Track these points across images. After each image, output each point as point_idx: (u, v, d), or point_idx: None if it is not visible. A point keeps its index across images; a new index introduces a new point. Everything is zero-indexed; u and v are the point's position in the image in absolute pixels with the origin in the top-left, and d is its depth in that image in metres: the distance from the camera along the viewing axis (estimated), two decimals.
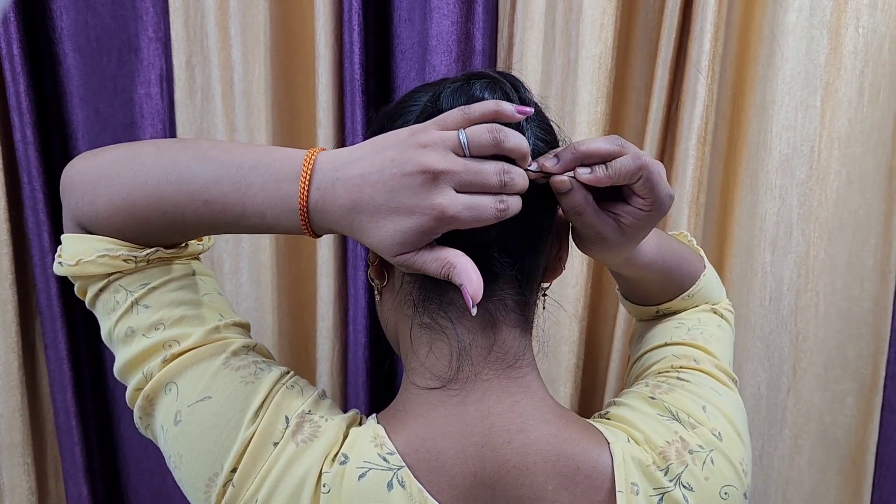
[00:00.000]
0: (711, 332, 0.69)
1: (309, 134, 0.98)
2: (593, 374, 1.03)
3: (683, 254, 0.70)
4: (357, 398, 0.98)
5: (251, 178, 0.49)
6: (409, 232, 0.46)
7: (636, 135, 0.96)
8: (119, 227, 0.53)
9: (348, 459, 0.53)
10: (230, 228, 0.52)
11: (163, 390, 0.54)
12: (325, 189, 0.47)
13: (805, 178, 0.94)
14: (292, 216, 0.48)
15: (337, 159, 0.48)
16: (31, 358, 1.01)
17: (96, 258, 0.53)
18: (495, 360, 0.55)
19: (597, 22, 0.89)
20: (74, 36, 0.94)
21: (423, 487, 0.52)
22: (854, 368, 0.98)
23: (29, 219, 0.93)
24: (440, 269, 0.47)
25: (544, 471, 0.53)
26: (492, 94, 0.50)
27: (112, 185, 0.52)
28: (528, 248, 0.55)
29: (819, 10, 0.91)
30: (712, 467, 0.55)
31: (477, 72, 0.53)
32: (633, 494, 0.53)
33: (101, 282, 0.54)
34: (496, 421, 0.54)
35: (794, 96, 0.92)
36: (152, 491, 1.08)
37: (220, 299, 0.60)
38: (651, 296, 0.73)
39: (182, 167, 0.51)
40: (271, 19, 0.95)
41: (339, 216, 0.47)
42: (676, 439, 0.56)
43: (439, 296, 0.55)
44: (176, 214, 0.51)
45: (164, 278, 0.55)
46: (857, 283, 0.97)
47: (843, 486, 1.01)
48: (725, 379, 0.63)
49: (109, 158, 0.54)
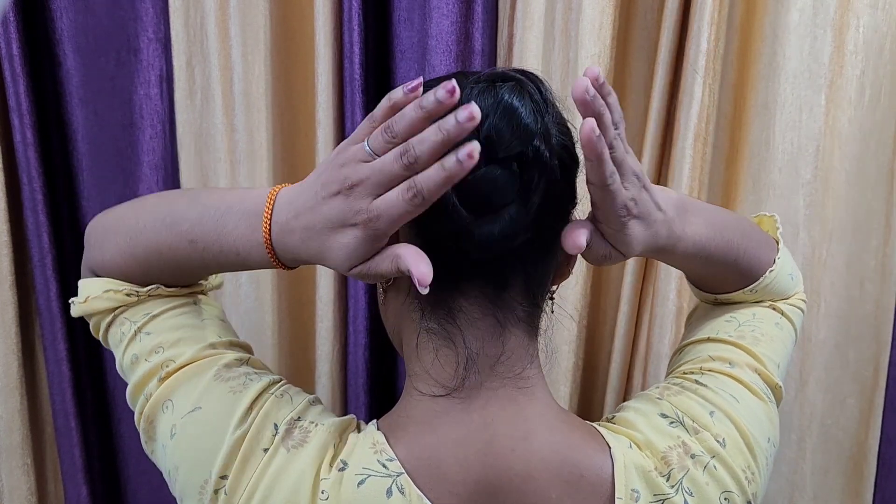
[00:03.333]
0: (764, 331, 0.66)
1: (309, 134, 0.98)
2: (593, 374, 1.03)
3: (746, 247, 0.65)
4: (357, 399, 0.98)
5: (227, 217, 0.53)
6: (351, 245, 0.48)
7: (635, 135, 0.95)
8: (124, 270, 0.58)
9: (347, 466, 0.52)
10: (215, 267, 0.57)
11: (160, 409, 0.57)
12: (282, 222, 0.50)
13: (811, 178, 0.93)
14: (260, 249, 0.52)
15: (291, 192, 0.51)
16: (31, 359, 1.01)
17: (102, 294, 0.58)
18: (502, 369, 0.55)
19: (596, 22, 0.89)
20: (74, 37, 0.94)
21: (422, 494, 0.52)
22: (855, 370, 0.98)
23: (28, 220, 0.93)
24: (390, 265, 0.49)
25: (548, 478, 0.53)
26: (519, 99, 0.49)
27: (118, 232, 0.58)
28: (539, 256, 0.55)
29: (822, 9, 0.90)
30: (714, 473, 0.55)
31: (500, 72, 0.51)
32: (632, 501, 0.53)
33: (109, 316, 0.59)
34: (500, 429, 0.54)
35: (797, 96, 0.92)
36: (152, 492, 1.08)
37: (222, 324, 0.62)
38: (706, 286, 0.70)
39: (175, 211, 0.56)
40: (271, 19, 0.95)
41: (297, 244, 0.50)
42: (678, 444, 0.55)
43: (448, 302, 0.54)
44: (169, 255, 0.56)
45: (166, 307, 0.59)
46: (858, 284, 0.96)
47: (846, 488, 1.00)
48: (757, 385, 0.61)
49: (119, 211, 0.61)
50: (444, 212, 0.48)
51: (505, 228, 0.49)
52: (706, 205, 0.65)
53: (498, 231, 0.49)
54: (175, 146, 0.97)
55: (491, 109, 0.48)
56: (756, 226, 0.71)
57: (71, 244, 0.99)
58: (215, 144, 0.95)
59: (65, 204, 0.98)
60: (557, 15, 0.92)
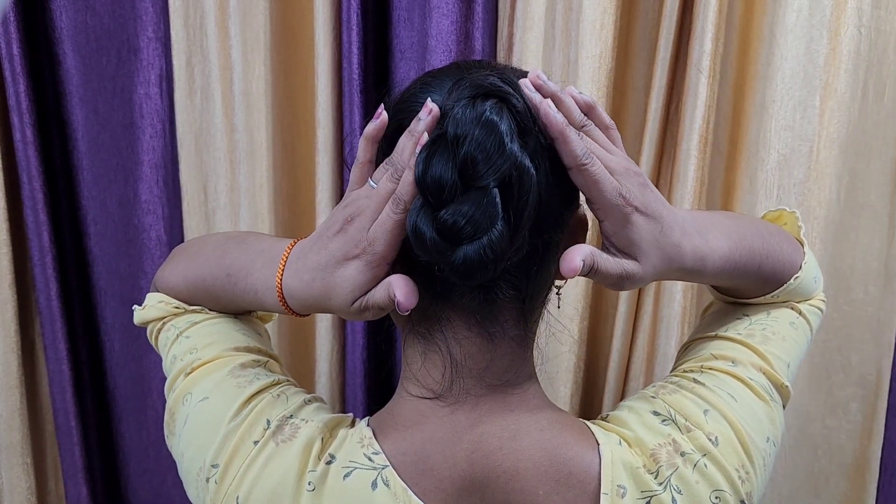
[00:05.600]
0: (776, 330, 0.64)
1: (308, 134, 0.98)
2: (593, 374, 1.03)
3: (768, 251, 0.62)
4: (355, 398, 0.98)
5: (258, 258, 0.58)
6: (353, 276, 0.50)
7: (636, 135, 0.95)
8: (176, 289, 0.65)
9: (335, 459, 0.53)
10: (242, 304, 0.61)
11: (181, 401, 0.59)
12: (293, 268, 0.54)
13: (803, 178, 0.93)
14: (272, 294, 0.55)
15: (305, 240, 0.55)
16: (31, 358, 1.01)
17: (156, 304, 0.65)
18: (491, 377, 0.55)
19: (597, 22, 0.89)
20: (74, 36, 0.94)
21: (407, 487, 0.52)
22: (858, 374, 0.97)
23: (28, 218, 0.93)
24: (384, 293, 0.50)
25: (535, 476, 0.53)
26: (500, 115, 0.47)
27: (184, 256, 0.67)
28: (533, 271, 0.53)
29: (819, 11, 0.90)
30: (704, 471, 0.54)
31: (486, 84, 0.49)
32: (618, 497, 0.52)
33: (159, 324, 0.65)
34: (488, 428, 0.54)
35: (792, 96, 0.92)
36: (152, 491, 1.08)
37: (258, 336, 0.66)
38: (728, 294, 0.68)
39: (227, 246, 0.63)
40: (271, 19, 0.95)
41: (303, 288, 0.53)
42: (668, 441, 0.55)
43: (437, 313, 0.54)
44: (210, 283, 0.62)
45: (208, 317, 0.64)
46: (861, 286, 0.95)
47: (848, 492, 0.99)
48: (759, 385, 0.60)
49: (197, 239, 0.72)
50: (422, 244, 0.47)
51: (486, 255, 0.46)
52: (713, 214, 0.64)
53: (478, 259, 0.46)
54: (175, 145, 0.97)
55: (469, 129, 0.46)
56: (774, 227, 0.68)
57: (71, 243, 0.99)
58: (215, 144, 0.95)
59: (65, 203, 0.98)
60: (557, 15, 0.92)
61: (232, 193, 0.97)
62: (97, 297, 1.03)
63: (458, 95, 0.48)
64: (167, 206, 1.01)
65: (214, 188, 0.97)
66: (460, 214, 0.46)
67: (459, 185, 0.46)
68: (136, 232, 1.01)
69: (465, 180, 0.46)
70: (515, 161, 0.46)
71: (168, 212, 1.01)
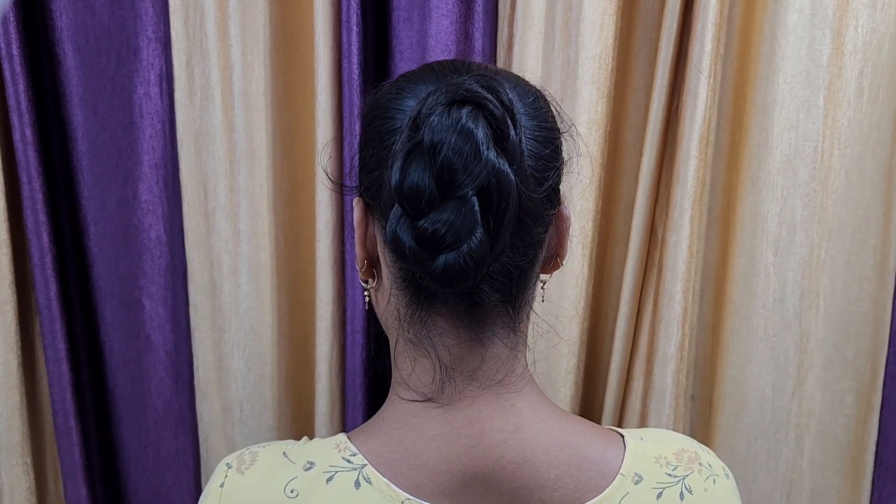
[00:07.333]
0: None
1: (308, 134, 0.98)
2: (593, 375, 1.03)
3: None
4: (355, 399, 0.98)
5: None
6: None
7: (636, 135, 0.96)
8: None
9: (314, 465, 0.54)
10: None
11: None
12: None
13: (808, 178, 0.94)
14: None
15: None
16: (30, 358, 1.01)
17: None
18: (483, 378, 0.55)
19: (597, 22, 0.89)
20: (74, 36, 0.94)
21: (389, 482, 0.53)
22: (853, 368, 0.98)
23: (28, 219, 0.93)
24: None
25: (545, 461, 0.53)
26: (475, 124, 0.46)
27: None
28: (518, 271, 0.53)
29: (821, 10, 0.90)
30: (712, 487, 0.56)
31: (464, 87, 0.48)
32: (632, 483, 0.53)
33: None
34: (487, 423, 0.54)
35: (795, 96, 0.92)
36: (152, 491, 1.08)
37: None
38: None
39: None
40: (271, 19, 0.95)
41: None
42: (692, 450, 0.57)
43: (423, 318, 0.54)
44: None
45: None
46: (857, 282, 0.96)
47: (843, 486, 1.01)
48: None
49: None
50: (401, 253, 0.48)
51: (467, 263, 0.46)
52: None
53: (458, 267, 0.46)
54: (175, 145, 0.96)
55: (446, 137, 0.46)
56: None
57: (70, 243, 0.99)
58: (215, 144, 0.95)
59: (64, 203, 0.98)
60: (557, 15, 0.92)
61: (232, 193, 0.97)
62: (97, 297, 1.02)
63: (435, 102, 0.48)
64: (167, 205, 1.00)
65: (214, 188, 0.96)
66: (440, 223, 0.46)
67: (437, 194, 0.46)
68: (135, 232, 1.01)
69: (442, 189, 0.46)
70: (493, 168, 0.46)
71: (168, 212, 1.00)
